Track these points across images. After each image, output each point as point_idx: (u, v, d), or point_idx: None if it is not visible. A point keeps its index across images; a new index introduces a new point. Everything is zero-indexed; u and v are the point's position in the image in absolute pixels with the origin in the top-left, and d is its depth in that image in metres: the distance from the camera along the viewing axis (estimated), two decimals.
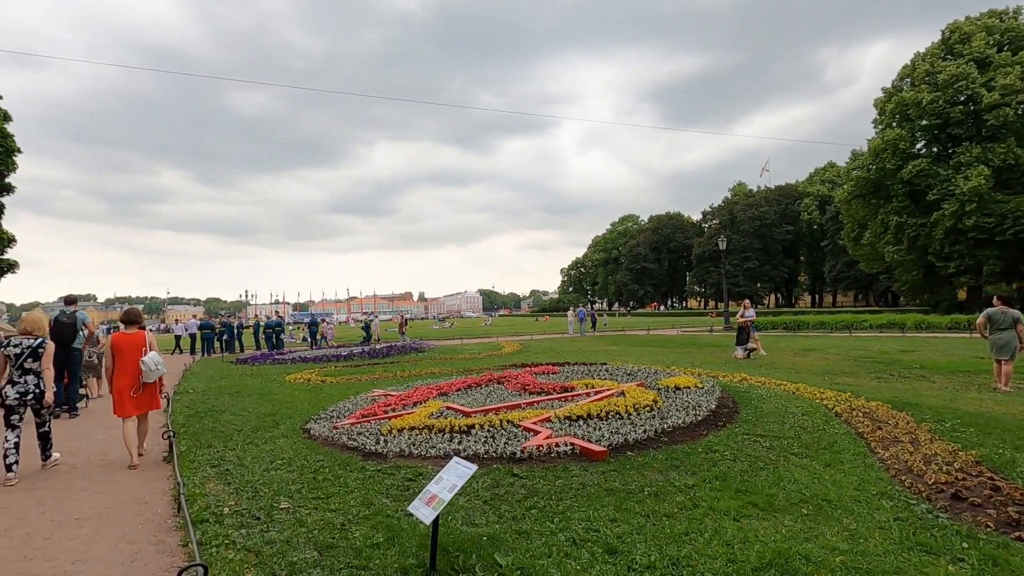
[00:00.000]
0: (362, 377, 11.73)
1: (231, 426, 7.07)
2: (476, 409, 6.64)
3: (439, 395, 8.01)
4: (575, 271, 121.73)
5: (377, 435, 5.83)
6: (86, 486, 4.82)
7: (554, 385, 7.90)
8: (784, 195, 74.50)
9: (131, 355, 5.54)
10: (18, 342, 5.22)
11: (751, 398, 7.45)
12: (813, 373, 10.62)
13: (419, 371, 12.32)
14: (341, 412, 7.28)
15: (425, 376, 11.58)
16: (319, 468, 4.95)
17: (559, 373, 9.81)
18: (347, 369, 13.55)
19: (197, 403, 9.12)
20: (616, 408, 6.18)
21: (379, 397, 8.14)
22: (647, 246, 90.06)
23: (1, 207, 16.64)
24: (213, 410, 8.31)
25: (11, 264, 15.98)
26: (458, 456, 5.02)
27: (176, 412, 8.25)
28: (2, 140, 15.25)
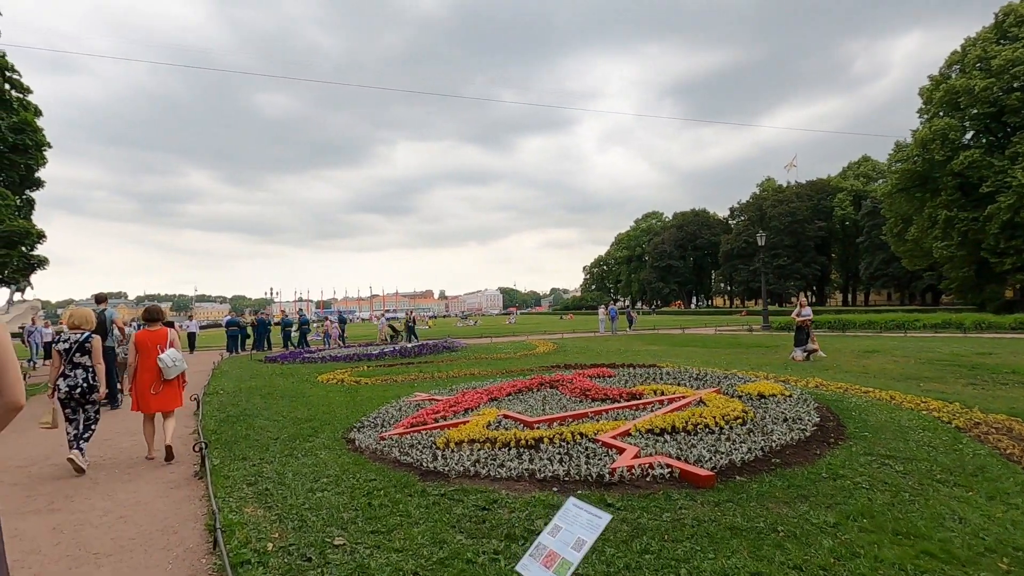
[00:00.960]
0: (397, 378, 11.08)
1: (266, 433, 6.45)
2: (538, 419, 5.88)
3: (490, 401, 7.28)
4: (598, 269, 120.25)
5: (432, 448, 5.12)
6: (108, 508, 4.20)
7: (619, 391, 7.11)
8: (816, 190, 72.22)
9: (153, 352, 5.58)
10: (67, 337, 5.27)
11: (847, 408, 6.55)
12: (892, 378, 9.62)
13: (457, 372, 11.63)
14: (386, 419, 6.60)
15: (464, 378, 10.88)
16: (372, 490, 4.25)
17: (615, 376, 9.00)
18: (380, 369, 12.93)
19: (228, 406, 8.56)
20: (703, 420, 5.36)
21: (424, 402, 7.45)
22: (672, 243, 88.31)
23: (31, 202, 16.46)
24: (245, 414, 7.73)
25: (41, 260, 15.80)
26: (535, 477, 4.30)
27: (206, 416, 7.68)
28: (32, 135, 15.05)
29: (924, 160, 33.08)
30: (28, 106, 16.37)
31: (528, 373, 11.28)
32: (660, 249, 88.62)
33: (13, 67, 16.25)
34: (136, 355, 5.58)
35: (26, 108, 16.04)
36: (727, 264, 76.07)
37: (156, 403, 5.57)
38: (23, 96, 16.61)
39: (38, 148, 15.14)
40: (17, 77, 16.49)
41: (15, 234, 12.34)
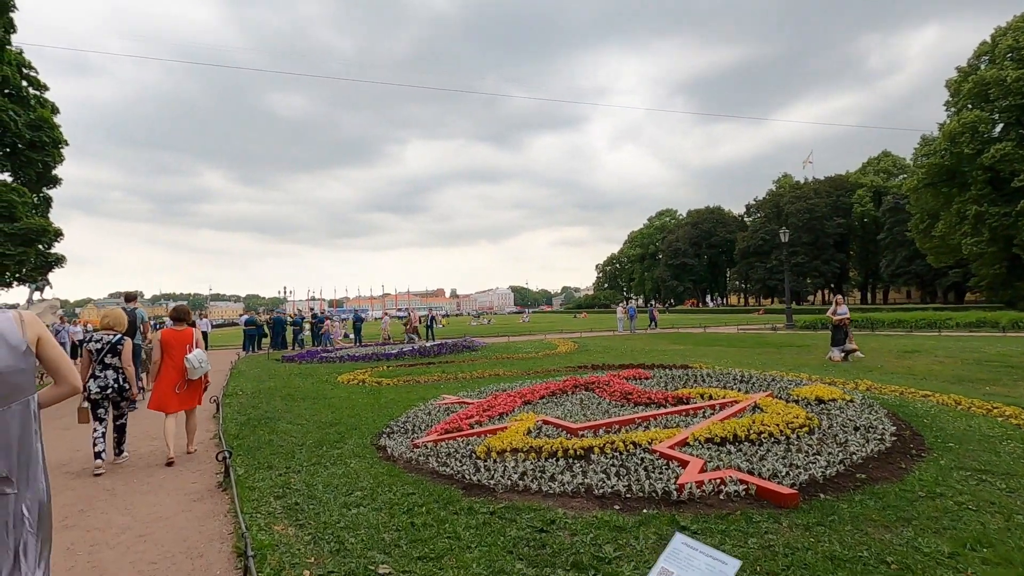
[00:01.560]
0: (420, 379, 10.72)
1: (290, 439, 6.09)
2: (582, 425, 5.46)
3: (523, 404, 6.88)
4: (611, 267, 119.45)
5: (472, 458, 4.72)
6: (127, 525, 3.85)
7: (663, 394, 6.65)
8: (835, 186, 70.90)
9: (179, 351, 5.61)
10: (99, 338, 5.31)
11: (914, 414, 6.05)
12: (944, 380, 9.06)
13: (481, 373, 11.24)
14: (416, 424, 6.21)
15: (489, 379, 10.49)
16: (413, 506, 3.86)
17: (651, 378, 8.54)
18: (401, 369, 12.58)
19: (248, 408, 8.24)
20: (766, 428, 4.91)
21: (455, 406, 7.06)
22: (686, 241, 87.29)
23: (48, 200, 16.34)
24: (267, 417, 7.39)
25: (59, 258, 15.68)
26: (591, 493, 3.88)
27: (226, 419, 7.36)
28: (49, 131, 14.91)
29: (952, 154, 32.07)
30: (45, 103, 16.24)
31: (555, 374, 10.87)
32: (674, 247, 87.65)
33: (30, 64, 16.14)
34: (161, 354, 5.59)
35: (43, 105, 15.91)
36: (743, 262, 74.97)
37: (178, 402, 5.57)
38: (40, 93, 16.50)
39: (55, 145, 14.99)
40: (34, 74, 16.37)
41: (32, 231, 12.17)
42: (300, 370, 13.17)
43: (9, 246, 11.79)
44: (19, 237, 11.99)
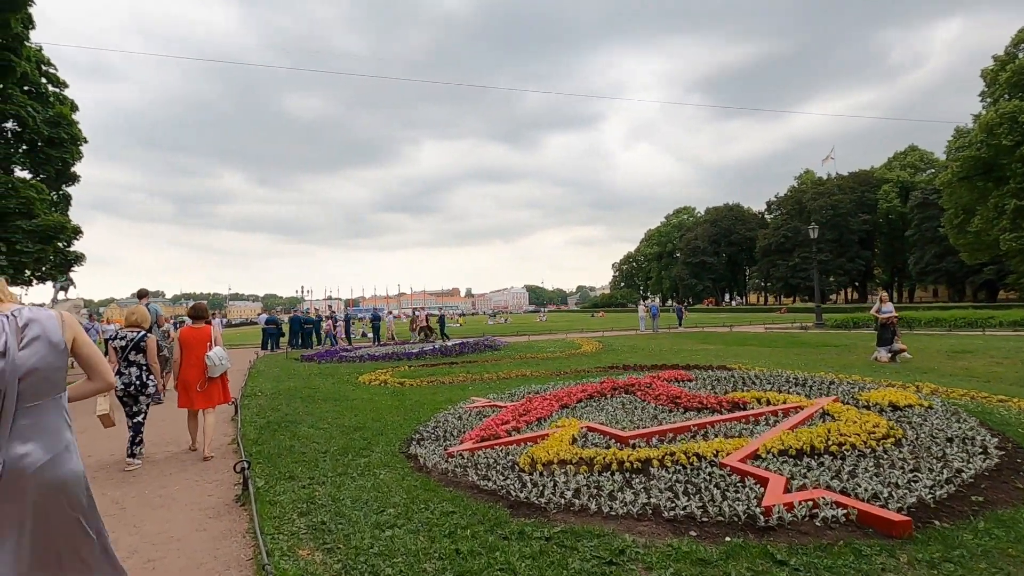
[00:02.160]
0: (444, 379, 10.26)
1: (313, 445, 5.67)
2: (633, 433, 4.94)
3: (561, 408, 6.37)
4: (627, 266, 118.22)
5: (515, 470, 4.23)
6: (135, 547, 3.43)
7: (716, 398, 6.09)
8: (859, 182, 69.17)
9: (198, 349, 5.62)
10: (123, 335, 5.44)
11: (1005, 423, 5.42)
12: (1010, 383, 8.35)
13: (507, 373, 10.76)
14: (447, 430, 5.74)
15: (516, 380, 10.00)
16: (455, 528, 3.38)
17: (695, 380, 7.98)
18: (423, 369, 12.15)
19: (267, 410, 7.86)
20: (846, 439, 4.35)
21: (487, 410, 6.58)
22: (705, 239, 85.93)
23: (68, 198, 16.23)
24: (287, 420, 6.99)
25: (78, 256, 15.57)
26: (660, 515, 3.36)
27: (245, 422, 6.97)
28: (67, 128, 14.78)
29: (989, 146, 30.80)
30: (64, 100, 16.15)
31: (586, 375, 10.34)
32: (693, 245, 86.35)
33: (49, 61, 16.04)
34: (181, 352, 5.62)
35: (62, 102, 15.82)
36: (764, 260, 73.52)
37: (201, 400, 5.60)
38: (59, 91, 16.41)
39: (73, 142, 14.85)
40: (53, 71, 16.28)
41: (50, 229, 11.98)
42: (320, 370, 12.82)
43: (27, 243, 11.62)
44: (37, 234, 11.81)
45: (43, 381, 1.91)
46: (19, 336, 1.88)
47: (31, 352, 1.89)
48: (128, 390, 5.34)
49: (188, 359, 5.61)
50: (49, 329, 1.95)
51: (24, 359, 1.87)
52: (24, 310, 1.98)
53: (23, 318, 1.94)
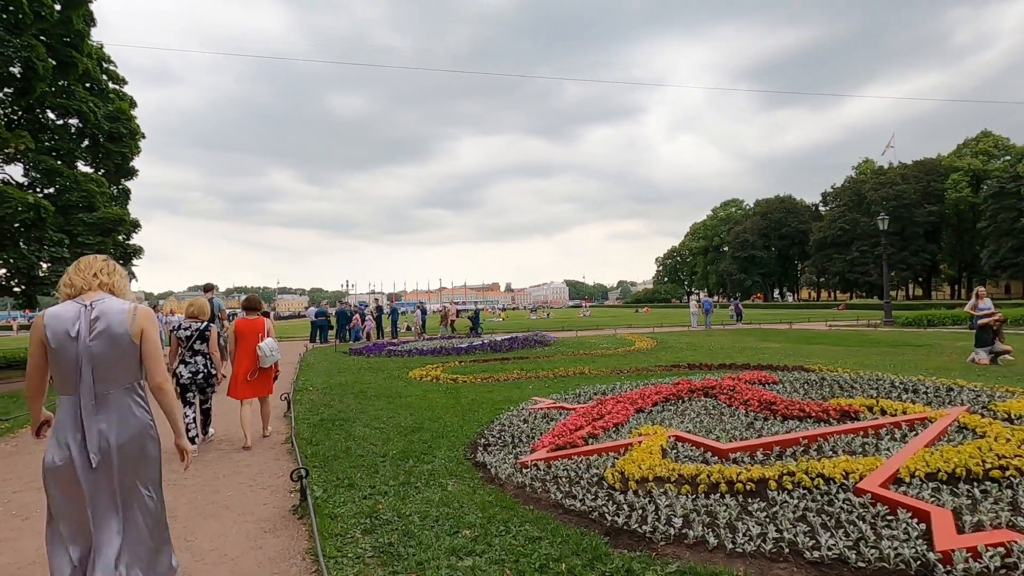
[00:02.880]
0: (498, 376, 9.79)
1: (370, 447, 5.27)
2: (733, 446, 4.30)
3: (636, 412, 5.77)
4: (671, 260, 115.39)
5: (604, 487, 3.68)
6: (188, 568, 3.04)
7: (820, 405, 5.33)
8: (925, 171, 64.90)
9: (251, 340, 5.70)
10: (187, 325, 5.58)
11: None
12: None
13: (564, 371, 10.18)
14: (515, 435, 5.24)
15: (575, 378, 9.43)
16: (546, 561, 2.85)
17: (780, 383, 7.20)
18: (474, 365, 11.72)
19: (320, 406, 7.57)
20: (1007, 461, 3.58)
21: (554, 412, 6.04)
22: (755, 232, 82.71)
23: (127, 192, 16.59)
24: (341, 418, 6.64)
25: (136, 249, 15.88)
26: (801, 556, 2.73)
27: (298, 419, 6.67)
28: (126, 123, 15.05)
29: None
30: (124, 97, 16.50)
31: (648, 374, 9.67)
32: (742, 238, 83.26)
33: (109, 58, 16.40)
34: (235, 343, 5.72)
35: (121, 99, 16.15)
36: (819, 254, 70.08)
37: (251, 390, 5.70)
38: (119, 87, 16.78)
39: (132, 137, 15.13)
40: (113, 68, 16.66)
41: (109, 221, 12.17)
42: (369, 364, 12.59)
43: (88, 236, 11.84)
44: (98, 227, 12.03)
45: (111, 370, 2.06)
46: (91, 327, 2.04)
47: (98, 343, 2.03)
48: (195, 379, 5.54)
49: (241, 349, 5.71)
50: (115, 323, 2.07)
51: (93, 348, 2.02)
52: (101, 302, 2.10)
53: (96, 310, 2.07)
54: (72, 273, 2.19)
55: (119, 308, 2.12)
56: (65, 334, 2.02)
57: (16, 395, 9.37)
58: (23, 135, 11.36)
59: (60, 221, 11.80)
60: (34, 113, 12.72)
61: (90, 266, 2.22)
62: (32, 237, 10.80)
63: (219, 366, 5.72)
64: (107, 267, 2.25)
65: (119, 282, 2.26)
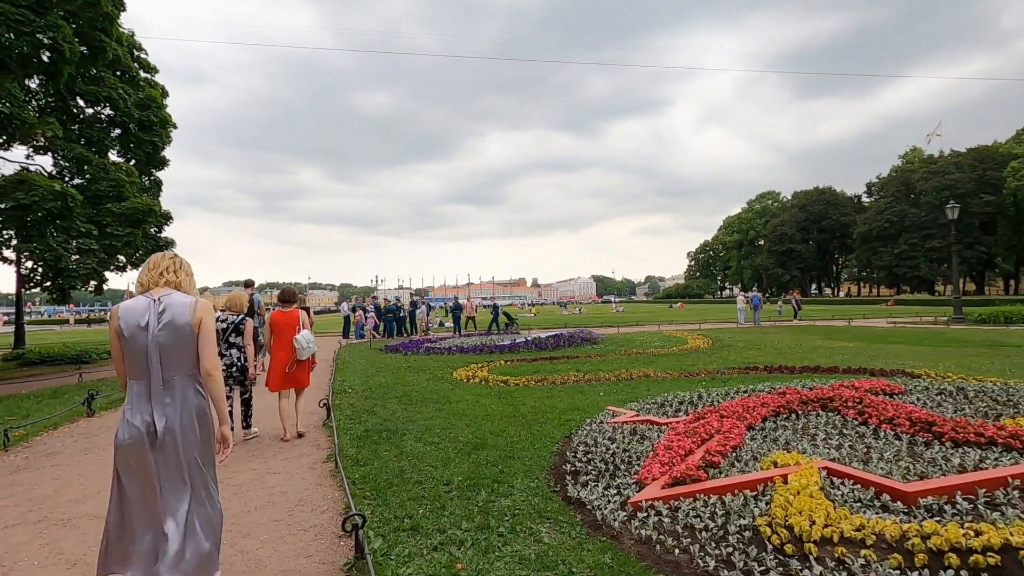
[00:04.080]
0: (553, 379, 8.80)
1: (428, 469, 4.36)
2: (921, 487, 3.22)
3: (747, 429, 4.72)
4: (703, 255, 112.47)
5: (769, 550, 2.66)
6: None
7: (1005, 428, 4.17)
8: (979, 159, 61.26)
9: (287, 332, 5.65)
10: (224, 317, 5.56)
11: None
12: None
13: (625, 373, 9.13)
14: (605, 458, 4.24)
15: (639, 381, 8.39)
16: None
17: (906, 393, 6.03)
18: (522, 365, 10.77)
19: (362, 412, 6.73)
20: None
21: (644, 428, 5.02)
22: (793, 225, 79.60)
23: (159, 183, 16.16)
24: (388, 429, 5.76)
25: (169, 242, 15.41)
26: None
27: (340, 429, 5.82)
28: (157, 111, 14.56)
29: None
30: (155, 85, 16.05)
31: (721, 377, 8.56)
32: (779, 232, 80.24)
33: (140, 45, 15.97)
34: (271, 335, 5.68)
35: (153, 87, 15.70)
36: (864, 247, 66.94)
37: (289, 382, 5.65)
38: (150, 76, 16.35)
39: (163, 125, 14.64)
40: (145, 56, 16.23)
41: (138, 212, 11.62)
42: (408, 362, 11.76)
43: (117, 227, 11.31)
44: (127, 217, 11.49)
45: (176, 357, 2.28)
46: (158, 319, 2.26)
47: (164, 333, 2.25)
48: (230, 371, 5.54)
49: (278, 342, 5.64)
50: (178, 314, 2.29)
51: (160, 338, 2.24)
52: (168, 296, 2.32)
53: (163, 304, 2.29)
54: (142, 272, 2.42)
55: (182, 302, 2.31)
56: (136, 325, 2.23)
57: (41, 395, 8.82)
58: (51, 122, 10.86)
59: (90, 212, 11.29)
60: (63, 100, 12.26)
61: (157, 265, 2.41)
62: (59, 227, 10.27)
63: (251, 360, 5.69)
64: (172, 265, 2.44)
65: (184, 279, 2.44)
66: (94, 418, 7.08)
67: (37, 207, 9.49)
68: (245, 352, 5.64)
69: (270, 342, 5.71)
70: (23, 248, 9.65)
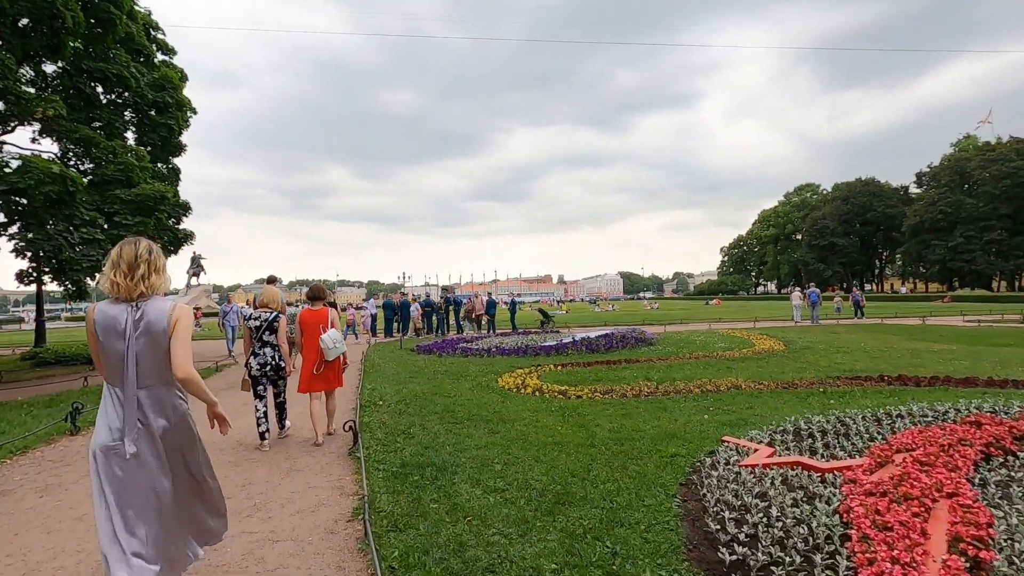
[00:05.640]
0: (623, 390, 7.31)
1: (496, 543, 2.96)
2: None
3: (945, 495, 3.18)
4: (737, 250, 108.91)
5: None
6: None
7: None
8: None
9: (316, 331, 5.38)
10: (257, 315, 5.32)
11: None
12: None
13: (710, 383, 7.58)
14: (772, 532, 2.77)
15: (729, 393, 6.87)
16: None
17: None
18: (576, 371, 9.31)
19: (396, 435, 5.38)
20: None
21: (799, 476, 3.52)
22: (835, 218, 75.97)
23: (177, 171, 15.19)
24: (432, 464, 4.38)
25: (188, 235, 14.36)
26: None
27: (370, 462, 4.48)
28: (173, 92, 13.58)
29: None
30: (174, 67, 15.08)
31: (836, 391, 6.97)
32: (820, 225, 76.67)
33: (157, 25, 15.00)
34: (301, 335, 5.46)
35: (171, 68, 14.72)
36: (914, 240, 63.20)
37: (318, 383, 5.39)
38: (168, 58, 15.40)
39: (179, 108, 13.60)
40: (162, 37, 15.26)
41: (149, 199, 10.53)
42: (444, 366, 10.43)
43: (127, 215, 10.27)
44: (136, 205, 10.43)
45: (153, 366, 2.17)
46: (136, 326, 2.13)
47: (141, 341, 2.14)
48: (264, 370, 5.27)
49: (307, 342, 5.40)
50: (154, 321, 2.16)
51: (137, 346, 2.13)
52: (146, 302, 2.17)
53: (140, 310, 2.16)
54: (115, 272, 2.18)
55: (160, 308, 2.19)
56: (113, 330, 2.13)
57: (36, 404, 7.75)
58: (54, 99, 9.83)
59: (97, 199, 10.25)
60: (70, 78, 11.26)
61: (133, 268, 2.18)
62: (61, 215, 9.21)
63: (287, 358, 5.39)
64: (147, 268, 2.22)
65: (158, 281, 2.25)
66: (77, 437, 5.90)
67: (33, 191, 8.43)
68: (279, 351, 5.34)
69: (300, 341, 5.51)
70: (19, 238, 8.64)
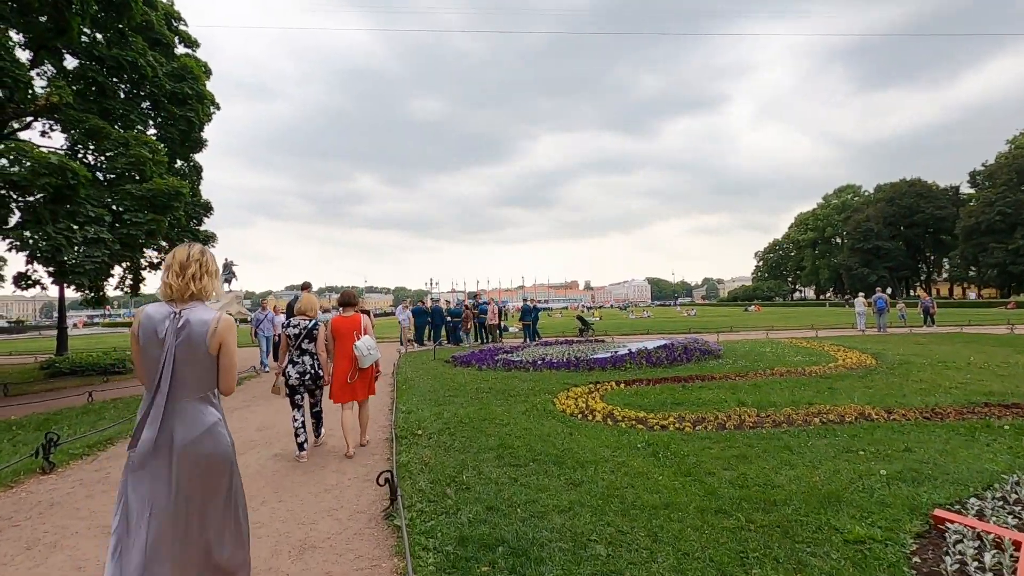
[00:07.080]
0: (718, 419, 5.88)
1: None
2: None
3: None
4: (772, 255, 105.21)
5: None
6: None
7: None
8: None
9: (349, 339, 5.23)
10: (296, 323, 5.25)
11: None
12: None
13: (827, 409, 6.09)
14: None
15: (858, 425, 5.37)
16: None
17: None
18: (643, 390, 7.88)
19: (444, 481, 4.08)
20: None
21: None
22: (879, 220, 72.42)
23: (199, 169, 14.32)
24: (504, 541, 3.07)
25: (209, 236, 13.44)
26: None
27: (414, 526, 3.19)
28: (192, 83, 12.68)
29: None
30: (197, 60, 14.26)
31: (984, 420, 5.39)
32: (864, 228, 73.18)
33: (179, 15, 14.22)
34: (333, 342, 5.28)
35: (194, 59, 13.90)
36: (969, 243, 59.51)
37: (351, 392, 5.20)
38: (190, 50, 14.60)
39: (199, 100, 12.71)
40: (185, 28, 14.48)
41: (162, 194, 9.57)
42: (487, 382, 9.11)
43: (137, 212, 9.32)
44: (148, 201, 9.47)
45: (187, 378, 2.08)
46: (177, 334, 2.06)
47: (180, 350, 2.06)
48: (303, 380, 5.15)
49: (340, 349, 5.22)
50: (195, 333, 2.08)
51: (175, 354, 2.05)
52: (189, 310, 2.10)
53: (183, 318, 2.09)
54: (169, 274, 2.15)
55: (203, 319, 2.11)
56: (154, 334, 2.06)
57: (27, 424, 6.72)
58: (60, 84, 8.94)
59: (104, 193, 9.31)
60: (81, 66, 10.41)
61: (184, 268, 2.14)
62: (62, 212, 8.25)
63: (325, 367, 5.25)
64: (199, 269, 2.17)
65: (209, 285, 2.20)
66: (50, 476, 4.74)
67: (29, 183, 7.47)
68: (318, 359, 5.23)
69: (331, 348, 5.33)
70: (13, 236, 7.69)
